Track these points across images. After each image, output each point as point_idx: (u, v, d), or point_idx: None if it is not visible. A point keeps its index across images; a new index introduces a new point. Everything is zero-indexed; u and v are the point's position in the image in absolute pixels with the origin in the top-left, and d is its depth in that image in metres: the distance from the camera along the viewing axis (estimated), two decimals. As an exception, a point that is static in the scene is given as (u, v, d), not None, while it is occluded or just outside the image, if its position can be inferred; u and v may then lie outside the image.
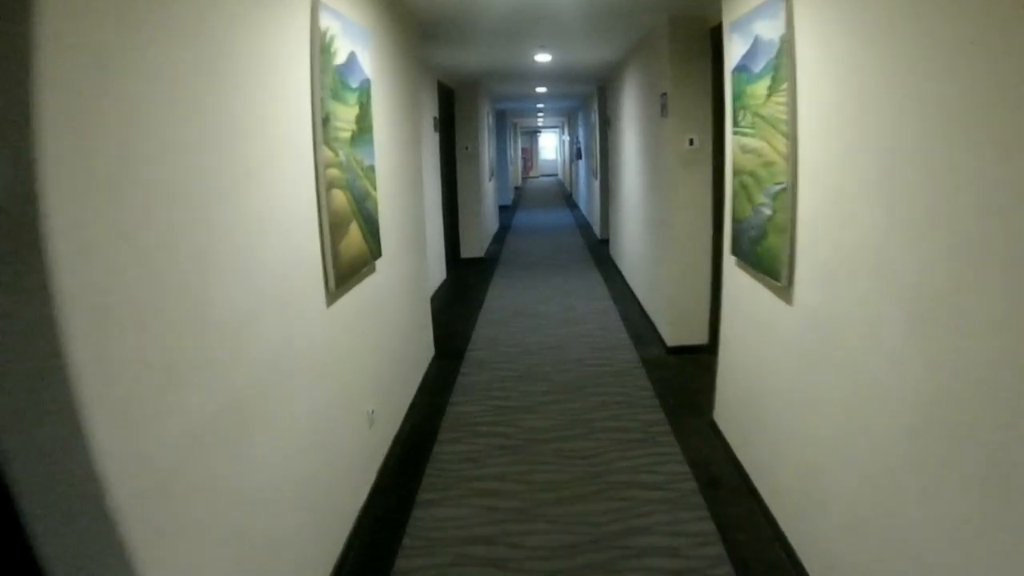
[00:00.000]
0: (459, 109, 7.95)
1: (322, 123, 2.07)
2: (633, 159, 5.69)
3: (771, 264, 2.23)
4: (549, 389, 3.74)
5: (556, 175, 26.58)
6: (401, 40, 3.47)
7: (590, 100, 10.20)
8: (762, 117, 2.26)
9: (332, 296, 2.20)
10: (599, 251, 8.50)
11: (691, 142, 3.94)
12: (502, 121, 14.58)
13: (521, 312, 5.50)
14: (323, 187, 2.08)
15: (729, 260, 2.80)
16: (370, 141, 2.60)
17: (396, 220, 3.19)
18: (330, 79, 2.17)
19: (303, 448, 1.93)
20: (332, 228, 2.14)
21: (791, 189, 2.07)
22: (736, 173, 2.60)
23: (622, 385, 3.76)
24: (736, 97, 2.56)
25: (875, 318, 1.58)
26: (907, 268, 1.43)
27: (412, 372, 3.58)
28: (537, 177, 27.37)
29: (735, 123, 2.59)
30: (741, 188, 2.52)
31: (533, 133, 27.02)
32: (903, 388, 1.46)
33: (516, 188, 19.88)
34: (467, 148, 7.99)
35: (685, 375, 3.89)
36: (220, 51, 1.46)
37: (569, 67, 6.72)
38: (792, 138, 2.05)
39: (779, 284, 2.18)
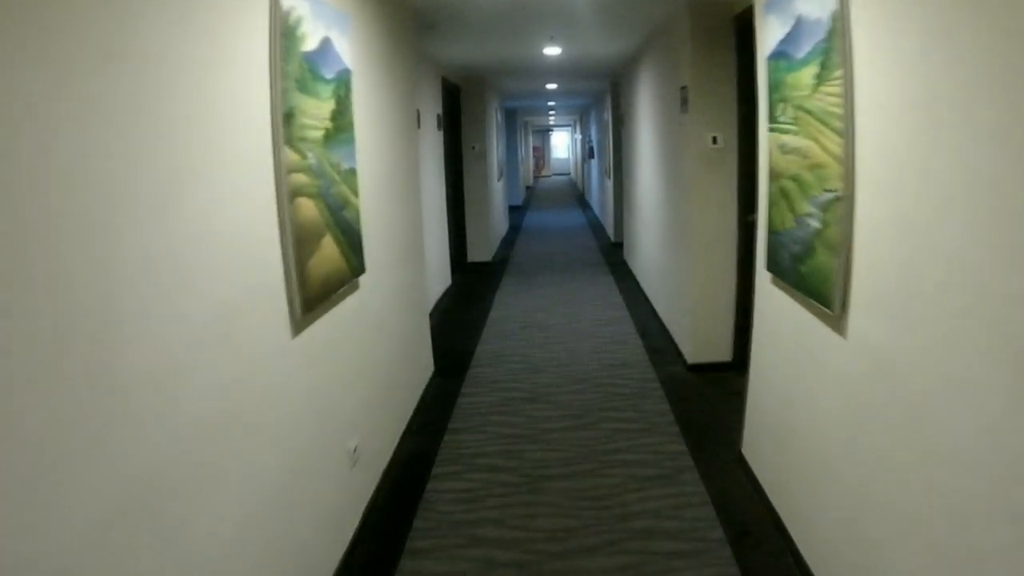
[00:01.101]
0: (465, 107, 7.61)
1: (284, 120, 1.74)
2: (649, 158, 5.32)
3: (819, 287, 1.87)
4: (558, 413, 3.39)
5: (568, 174, 26.18)
6: (392, 28, 3.13)
7: (602, 97, 9.84)
8: (808, 111, 1.90)
9: (299, 324, 1.87)
10: (612, 255, 8.13)
11: (714, 140, 3.57)
12: (512, 119, 14.24)
13: (529, 323, 5.16)
14: (285, 196, 1.75)
15: (763, 276, 2.44)
16: (350, 141, 2.27)
17: (385, 229, 2.86)
18: (296, 68, 1.84)
19: (266, 505, 1.62)
20: (297, 244, 1.81)
21: (847, 197, 1.71)
22: (773, 177, 2.24)
23: (639, 409, 3.40)
24: (773, 88, 2.20)
25: (964, 370, 1.22)
26: (1017, 311, 1.07)
27: (407, 395, 3.25)
28: (549, 176, 26.98)
29: (771, 118, 2.23)
30: (780, 195, 2.16)
31: (545, 132, 26.64)
32: (999, 462, 1.10)
33: (527, 188, 19.54)
34: (474, 147, 7.65)
35: (708, 397, 3.53)
36: (141, 33, 1.13)
37: (580, 61, 6.37)
38: (849, 136, 1.69)
39: (829, 312, 1.82)
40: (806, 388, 2.08)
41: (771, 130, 2.23)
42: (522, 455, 2.96)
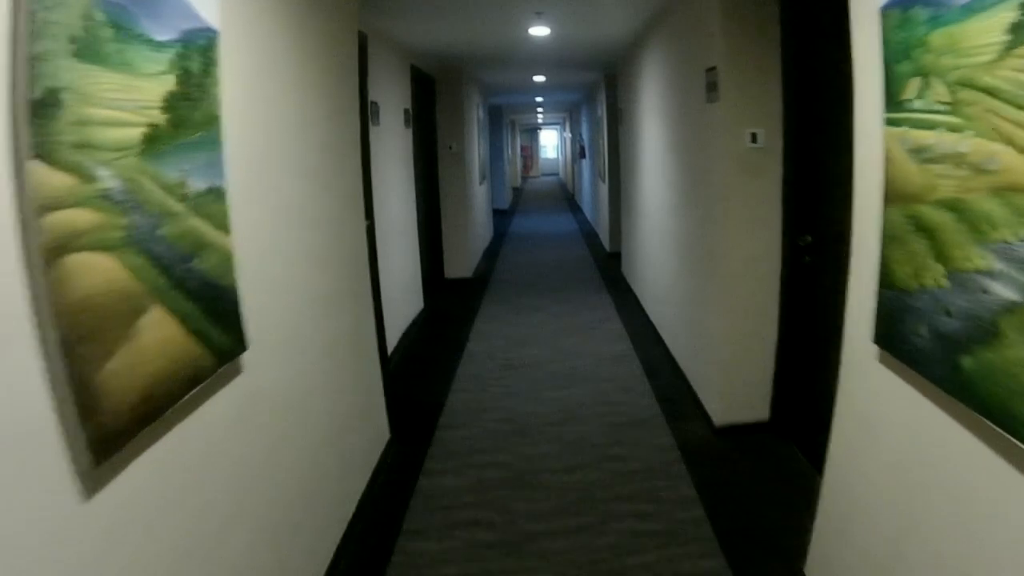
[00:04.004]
0: (441, 101, 6.74)
1: (32, 111, 0.91)
2: (658, 161, 4.50)
3: (1006, 401, 1.05)
4: (549, 506, 2.55)
5: (557, 174, 25.29)
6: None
7: (595, 91, 9.00)
8: (990, 92, 1.08)
9: (94, 476, 1.03)
10: (609, 268, 7.30)
11: (753, 138, 2.75)
12: (497, 117, 13.38)
13: (513, 361, 4.30)
14: (38, 255, 0.92)
15: (864, 349, 1.62)
16: (210, 144, 1.42)
17: (294, 272, 1.99)
18: (73, 18, 1.00)
19: None
20: (75, 340, 0.97)
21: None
22: (896, 199, 1.41)
23: (656, 496, 2.57)
24: (900, 55, 1.37)
25: None
26: None
27: (344, 490, 2.40)
28: (538, 176, 26.05)
29: (893, 104, 1.41)
30: (911, 229, 1.34)
31: (534, 130, 25.72)
32: None
33: (515, 189, 18.69)
34: (451, 148, 6.79)
35: (745, 476, 2.71)
36: None
37: (572, 46, 5.53)
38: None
39: (1040, 449, 1.00)
40: (951, 538, 1.27)
41: (892, 123, 1.41)
42: (502, 579, 2.13)
